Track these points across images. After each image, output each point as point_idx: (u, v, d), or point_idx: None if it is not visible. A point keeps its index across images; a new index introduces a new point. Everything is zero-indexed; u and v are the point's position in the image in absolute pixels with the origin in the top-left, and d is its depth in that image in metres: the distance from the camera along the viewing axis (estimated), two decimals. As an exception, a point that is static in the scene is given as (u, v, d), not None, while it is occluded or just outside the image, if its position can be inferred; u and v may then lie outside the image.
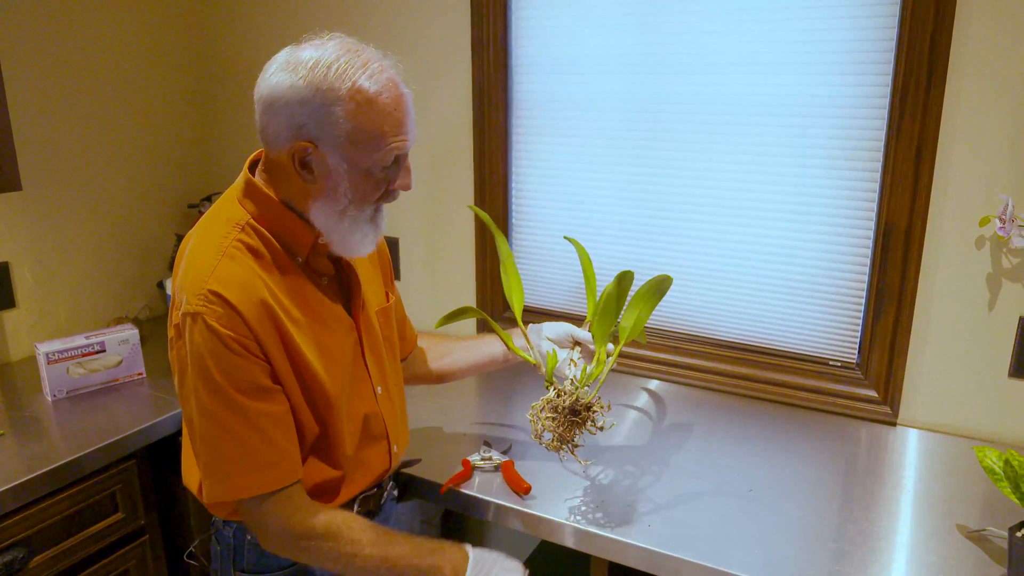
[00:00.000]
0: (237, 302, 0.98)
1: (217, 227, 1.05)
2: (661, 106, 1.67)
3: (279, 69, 0.98)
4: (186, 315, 0.99)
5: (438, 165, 1.94)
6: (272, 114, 0.99)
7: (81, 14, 1.92)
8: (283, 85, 0.97)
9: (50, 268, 1.92)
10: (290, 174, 1.02)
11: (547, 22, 1.74)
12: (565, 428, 1.18)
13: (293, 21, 2.08)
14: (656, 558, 1.16)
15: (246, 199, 1.06)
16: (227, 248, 1.01)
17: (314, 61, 0.96)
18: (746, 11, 1.54)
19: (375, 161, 1.01)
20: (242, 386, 0.99)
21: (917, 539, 1.20)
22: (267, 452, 1.02)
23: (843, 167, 1.53)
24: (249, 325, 0.98)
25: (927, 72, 1.39)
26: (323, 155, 0.99)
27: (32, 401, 1.64)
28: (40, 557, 1.40)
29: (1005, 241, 1.40)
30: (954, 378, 1.52)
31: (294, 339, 1.03)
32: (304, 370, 1.05)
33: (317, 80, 0.95)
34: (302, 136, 0.98)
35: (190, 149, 2.28)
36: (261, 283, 1.01)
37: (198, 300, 0.98)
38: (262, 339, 1.00)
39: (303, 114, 0.97)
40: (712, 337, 1.76)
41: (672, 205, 1.70)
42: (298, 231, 1.06)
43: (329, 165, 1.00)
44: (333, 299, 1.12)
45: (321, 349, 1.08)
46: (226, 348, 0.97)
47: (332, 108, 0.96)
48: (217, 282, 0.98)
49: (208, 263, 1.00)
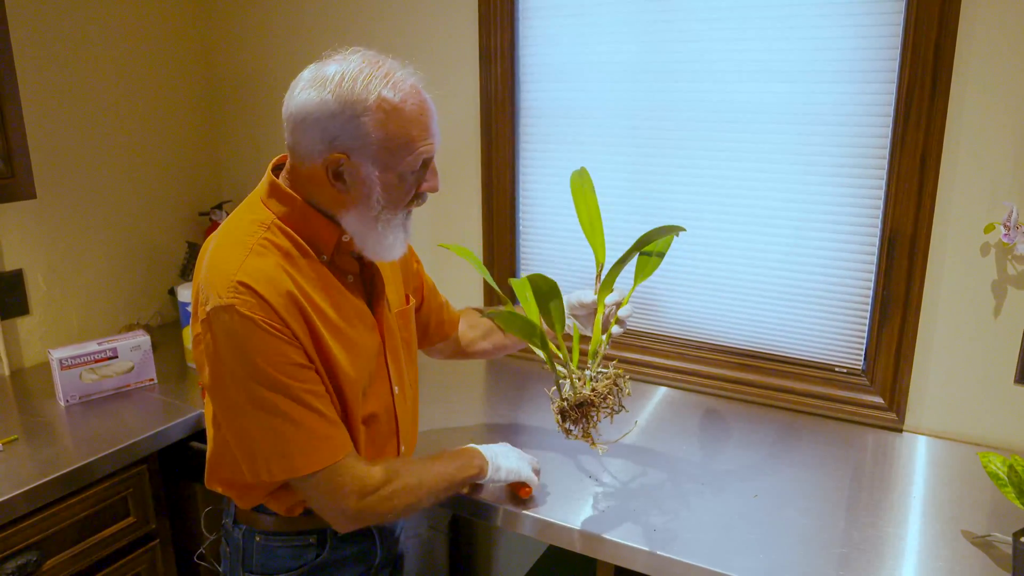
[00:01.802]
0: (265, 293, 1.00)
1: (242, 227, 1.07)
2: (666, 114, 1.68)
3: (307, 86, 1.01)
4: (217, 309, 1.00)
5: (446, 172, 1.94)
6: (303, 130, 1.02)
7: (94, 28, 1.95)
8: (312, 101, 1.00)
9: (63, 275, 1.95)
10: (323, 185, 1.04)
11: (554, 31, 1.76)
12: (585, 422, 1.18)
13: (302, 31, 2.10)
14: (662, 563, 1.16)
15: (271, 199, 1.09)
16: (253, 245, 1.04)
17: (340, 75, 1.00)
18: (751, 20, 1.55)
19: (405, 166, 1.04)
20: (282, 367, 1.01)
21: (923, 545, 1.20)
22: (319, 425, 1.04)
23: (848, 175, 1.53)
24: (278, 313, 1.01)
25: (931, 80, 1.40)
26: (356, 165, 1.02)
27: (45, 406, 1.66)
28: (52, 561, 1.41)
29: (1010, 248, 1.41)
30: (960, 385, 1.52)
31: (321, 332, 1.05)
32: (332, 363, 1.07)
33: (344, 94, 0.99)
34: (335, 148, 1.01)
35: (201, 157, 2.31)
36: (287, 277, 1.04)
37: (229, 293, 1.00)
38: (292, 327, 1.02)
39: (334, 127, 1.00)
40: (718, 344, 1.76)
41: (677, 212, 1.71)
42: (323, 230, 1.08)
43: (362, 174, 1.03)
44: (357, 297, 1.14)
45: (347, 344, 1.10)
46: (263, 331, 0.99)
47: (361, 119, 0.99)
48: (245, 275, 1.00)
49: (235, 259, 1.02)
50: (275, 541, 1.16)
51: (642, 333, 1.85)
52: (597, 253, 1.31)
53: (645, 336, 1.84)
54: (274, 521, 1.16)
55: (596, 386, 1.16)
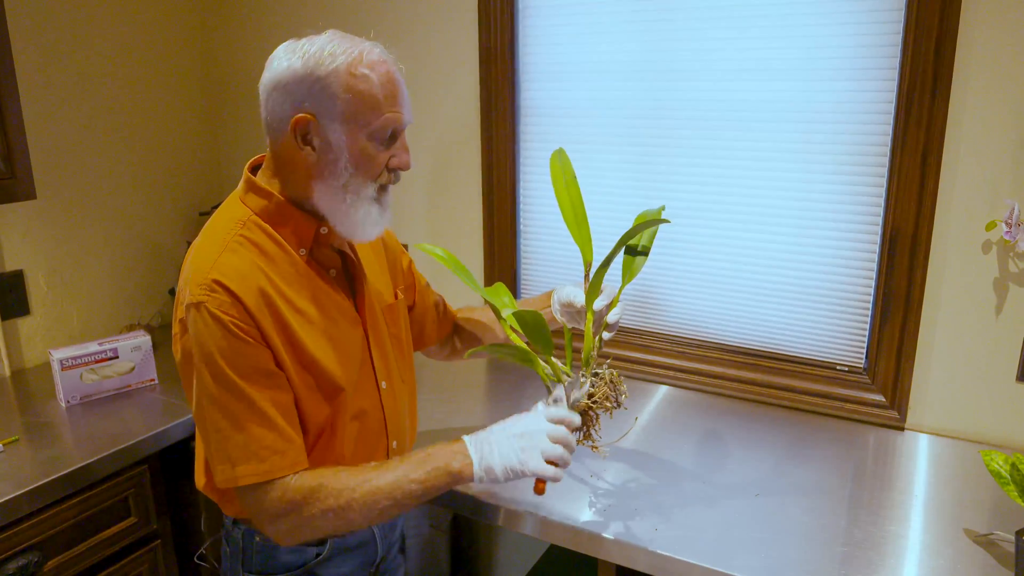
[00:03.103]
0: (237, 290, 1.00)
1: (220, 225, 1.08)
2: (667, 113, 1.68)
3: (277, 58, 1.04)
4: (189, 306, 1.01)
5: (446, 171, 1.96)
6: (274, 98, 1.04)
7: (94, 28, 1.95)
8: (281, 68, 1.03)
9: (64, 276, 1.95)
10: (293, 155, 1.05)
11: (554, 30, 1.76)
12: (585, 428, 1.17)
13: (302, 32, 2.10)
14: (663, 562, 1.16)
15: (248, 195, 1.09)
16: (228, 242, 1.05)
17: (309, 43, 1.03)
18: (752, 19, 1.55)
19: (372, 133, 1.04)
20: (246, 372, 1.01)
21: (925, 543, 1.20)
22: (270, 438, 1.03)
23: (849, 173, 1.53)
24: (250, 312, 1.01)
25: (932, 79, 1.40)
26: (322, 127, 1.03)
27: (46, 407, 1.67)
28: (53, 561, 1.41)
29: (1011, 246, 1.41)
30: (962, 383, 1.52)
31: (295, 331, 1.05)
32: (308, 362, 1.07)
33: (313, 60, 1.01)
34: (301, 111, 1.02)
35: (201, 158, 2.31)
36: (261, 274, 1.04)
37: (201, 290, 1.00)
38: (262, 326, 1.02)
39: (301, 91, 1.01)
40: (720, 342, 1.76)
41: (679, 211, 1.71)
42: (300, 223, 1.08)
43: (329, 138, 1.03)
44: (339, 292, 1.14)
45: (330, 341, 1.10)
46: (229, 333, 1.00)
47: (327, 80, 1.01)
48: (218, 272, 1.01)
49: (210, 256, 1.03)
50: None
51: (643, 332, 1.85)
52: (584, 251, 1.23)
53: (646, 335, 1.84)
54: None
55: (594, 392, 1.16)
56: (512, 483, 1.08)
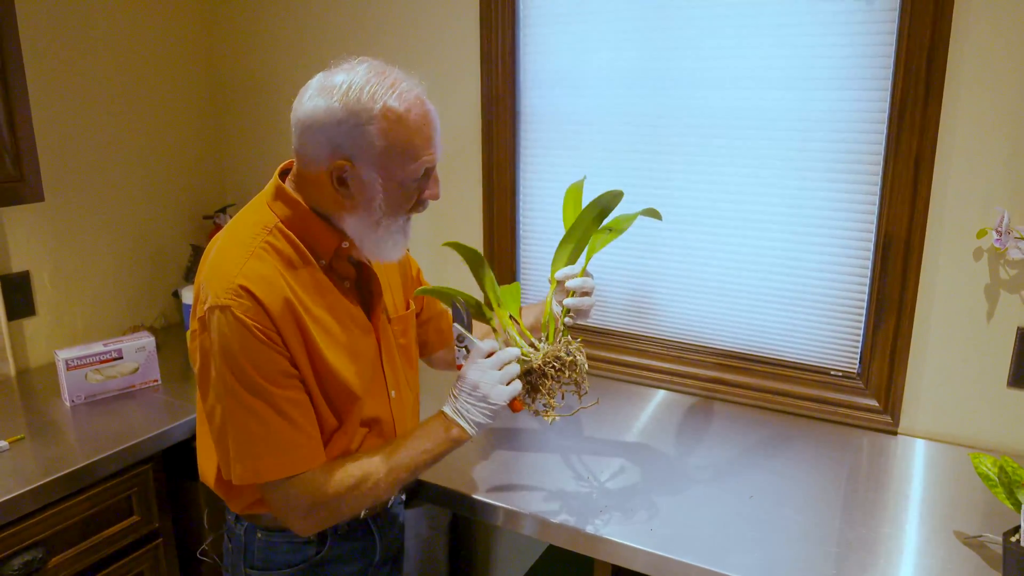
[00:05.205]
0: (262, 297, 1.03)
1: (246, 229, 1.10)
2: (664, 119, 1.70)
3: (315, 94, 1.04)
4: (213, 308, 1.03)
5: (447, 176, 1.97)
6: (309, 136, 1.04)
7: (102, 33, 1.97)
8: (319, 109, 1.02)
9: (69, 277, 1.97)
10: (326, 189, 1.07)
11: (554, 37, 1.79)
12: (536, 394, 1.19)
13: (307, 37, 2.13)
14: (659, 562, 1.18)
15: (276, 202, 1.11)
16: (255, 248, 1.06)
17: (347, 85, 1.02)
18: (748, 27, 1.57)
19: (407, 174, 1.06)
20: (267, 373, 1.03)
21: (916, 545, 1.21)
22: (291, 435, 1.06)
23: (843, 179, 1.56)
24: (272, 319, 1.03)
25: (925, 87, 1.42)
26: (359, 171, 1.04)
27: (51, 406, 1.69)
28: (57, 558, 1.43)
29: (1002, 253, 1.43)
30: (954, 388, 1.54)
31: (314, 337, 1.08)
32: (323, 368, 1.09)
33: (351, 102, 1.01)
34: (340, 155, 1.03)
35: (205, 161, 2.33)
36: (284, 283, 1.06)
37: (227, 294, 1.02)
38: (284, 333, 1.04)
39: (340, 135, 1.02)
40: (714, 347, 1.78)
41: (674, 216, 1.73)
42: (323, 235, 1.10)
43: (364, 181, 1.05)
44: (353, 302, 1.16)
45: (346, 350, 1.12)
46: (253, 337, 1.02)
47: (366, 128, 1.02)
48: (245, 278, 1.03)
49: (237, 261, 1.05)
50: (276, 537, 1.18)
51: (639, 336, 1.87)
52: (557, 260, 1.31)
53: (642, 339, 1.86)
54: (275, 518, 1.18)
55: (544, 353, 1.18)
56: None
